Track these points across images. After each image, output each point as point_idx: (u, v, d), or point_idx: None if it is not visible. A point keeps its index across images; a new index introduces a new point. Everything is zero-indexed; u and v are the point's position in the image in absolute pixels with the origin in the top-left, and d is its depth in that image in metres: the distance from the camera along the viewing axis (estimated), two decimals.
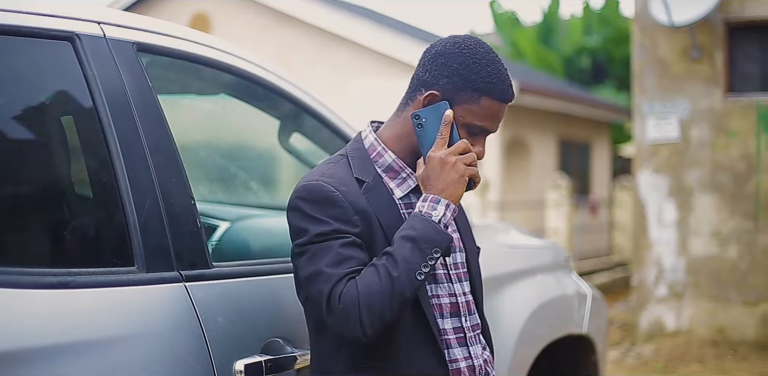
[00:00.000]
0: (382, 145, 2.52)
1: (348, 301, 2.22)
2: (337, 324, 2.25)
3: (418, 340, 2.41)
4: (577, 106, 18.87)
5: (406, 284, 2.23)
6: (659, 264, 9.70)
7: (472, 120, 2.43)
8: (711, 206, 9.48)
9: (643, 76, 9.81)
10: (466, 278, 2.58)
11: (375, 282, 2.23)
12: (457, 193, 2.37)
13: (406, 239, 2.28)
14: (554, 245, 4.84)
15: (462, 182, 2.37)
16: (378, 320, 2.21)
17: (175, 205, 2.50)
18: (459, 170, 2.36)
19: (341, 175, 2.43)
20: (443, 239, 2.31)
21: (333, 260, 2.28)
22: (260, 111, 3.40)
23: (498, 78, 2.44)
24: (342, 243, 2.31)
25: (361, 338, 2.22)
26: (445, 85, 2.44)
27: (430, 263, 2.27)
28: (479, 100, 2.42)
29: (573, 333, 4.35)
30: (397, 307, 2.24)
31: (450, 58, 2.45)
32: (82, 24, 2.49)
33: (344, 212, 2.34)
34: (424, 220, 2.32)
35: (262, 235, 3.66)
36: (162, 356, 2.34)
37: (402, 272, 2.23)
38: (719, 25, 9.43)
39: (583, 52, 26.85)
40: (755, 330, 9.29)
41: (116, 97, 2.46)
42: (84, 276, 2.25)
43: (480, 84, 2.41)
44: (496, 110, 2.45)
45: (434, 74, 2.46)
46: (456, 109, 2.43)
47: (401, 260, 2.25)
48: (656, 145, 9.71)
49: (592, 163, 20.84)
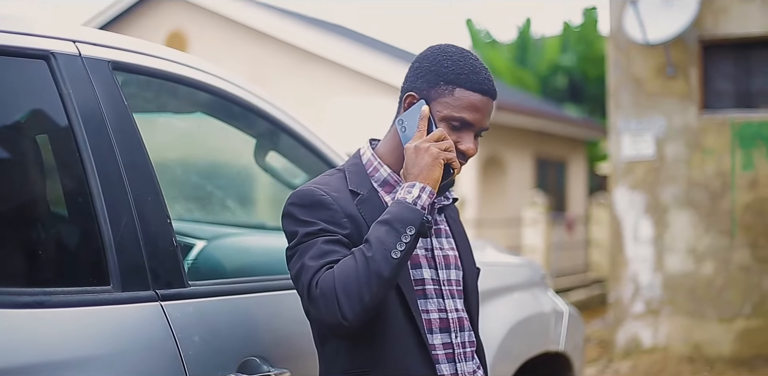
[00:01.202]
0: (378, 160, 2.56)
1: (324, 286, 2.23)
2: (318, 312, 2.24)
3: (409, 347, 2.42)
4: (553, 124, 18.94)
5: (382, 264, 2.22)
6: (636, 281, 9.72)
7: (449, 112, 2.45)
8: (687, 223, 9.52)
9: (619, 93, 9.85)
10: (461, 296, 2.59)
11: (351, 266, 2.24)
12: (432, 175, 2.37)
13: (381, 223, 2.30)
14: (531, 262, 4.84)
15: (436, 164, 2.38)
16: (357, 302, 2.20)
17: (150, 223, 2.49)
18: (432, 154, 2.37)
19: (335, 185, 2.47)
20: (415, 216, 2.30)
21: (314, 253, 2.30)
22: (236, 129, 3.40)
23: (471, 70, 2.48)
24: (326, 240, 2.33)
25: (341, 322, 2.20)
26: (420, 85, 2.49)
27: (405, 240, 2.26)
28: (453, 92, 2.46)
29: (550, 350, 4.35)
30: (377, 288, 2.22)
31: (424, 60, 2.53)
32: (58, 42, 2.48)
33: (333, 215, 2.37)
34: (397, 203, 2.34)
35: (238, 253, 3.65)
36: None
37: (376, 252, 2.24)
38: (694, 42, 9.50)
39: (559, 70, 26.96)
40: (731, 346, 9.32)
41: (92, 115, 2.46)
42: (59, 295, 2.23)
43: (451, 76, 2.46)
44: (473, 101, 2.46)
45: (411, 78, 2.53)
46: (433, 105, 2.47)
47: (375, 242, 2.25)
48: (632, 162, 9.75)
49: (569, 180, 20.90)
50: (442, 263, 2.54)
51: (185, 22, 17.15)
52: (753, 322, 9.26)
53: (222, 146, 4.45)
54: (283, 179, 3.69)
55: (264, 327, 2.73)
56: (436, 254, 2.54)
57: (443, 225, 2.63)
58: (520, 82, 25.39)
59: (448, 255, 2.57)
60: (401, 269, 2.29)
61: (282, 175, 3.68)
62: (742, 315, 9.30)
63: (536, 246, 14.86)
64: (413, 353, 2.42)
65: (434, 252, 2.54)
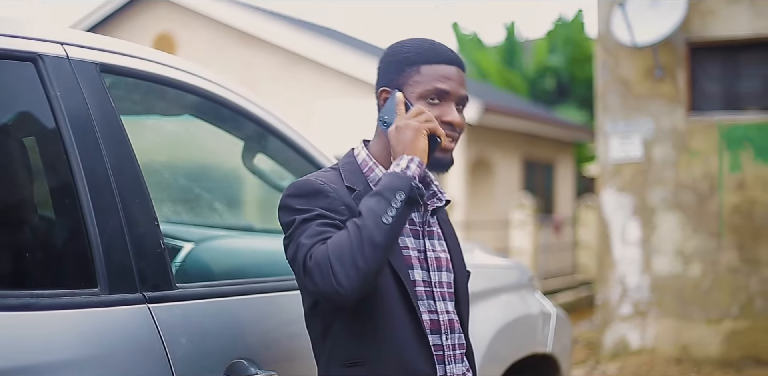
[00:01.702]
0: (374, 160, 2.57)
1: (318, 256, 2.23)
2: (314, 282, 2.23)
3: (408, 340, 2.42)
4: (541, 126, 18.96)
5: (373, 230, 2.22)
6: (623, 283, 9.73)
7: (422, 88, 2.51)
8: (674, 225, 9.54)
9: (607, 95, 9.87)
10: (452, 298, 2.59)
11: (343, 235, 2.25)
12: (417, 146, 2.39)
13: (371, 195, 2.32)
14: (518, 264, 4.85)
15: (419, 135, 2.40)
16: (352, 268, 2.20)
17: (138, 226, 2.49)
18: (413, 126, 2.40)
19: (332, 179, 2.48)
20: (404, 183, 2.31)
21: (309, 234, 2.31)
22: (224, 132, 3.40)
23: (428, 47, 2.55)
24: (321, 222, 2.33)
25: (337, 290, 2.19)
26: (388, 78, 2.55)
27: (395, 206, 2.27)
28: (419, 70, 2.51)
29: (538, 352, 4.35)
30: (370, 253, 2.21)
31: (384, 57, 2.60)
32: (45, 45, 2.48)
33: (331, 202, 2.38)
34: (386, 175, 2.36)
35: (226, 256, 3.65)
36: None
37: (367, 219, 2.24)
38: (681, 45, 9.52)
39: (547, 72, 26.98)
40: (719, 347, 9.34)
41: (79, 118, 2.45)
42: (47, 298, 2.23)
43: (412, 57, 2.52)
44: (441, 72, 2.52)
45: (380, 78, 2.59)
46: (406, 89, 2.52)
47: (366, 210, 2.27)
48: (620, 164, 9.76)
49: (556, 182, 20.93)
50: (434, 265, 2.55)
51: (173, 25, 17.12)
52: (740, 323, 9.29)
53: (210, 149, 4.45)
54: (271, 182, 3.69)
55: (252, 329, 2.73)
56: (428, 256, 2.54)
57: (435, 227, 2.63)
58: (509, 84, 25.42)
59: (440, 257, 2.58)
60: (394, 237, 2.28)
61: (270, 177, 3.68)
62: (729, 316, 9.33)
63: (524, 248, 14.88)
64: (413, 348, 2.42)
65: (427, 254, 2.54)
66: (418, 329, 2.43)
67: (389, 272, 2.41)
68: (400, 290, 2.42)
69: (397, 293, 2.41)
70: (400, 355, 2.41)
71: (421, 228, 2.56)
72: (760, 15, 9.24)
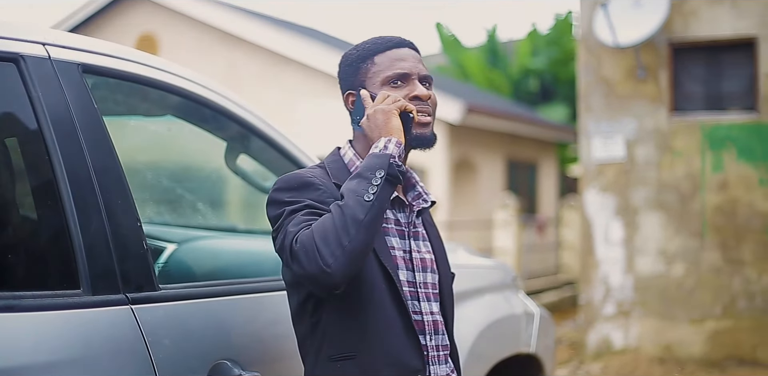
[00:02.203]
0: (361, 159, 2.57)
1: (304, 239, 2.22)
2: (300, 265, 2.22)
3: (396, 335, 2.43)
4: (524, 126, 18.97)
5: (356, 208, 2.23)
6: (606, 283, 9.75)
7: (382, 77, 2.55)
8: (657, 225, 9.56)
9: (589, 96, 9.88)
10: (436, 299, 2.59)
11: (327, 217, 2.25)
12: (390, 127, 2.42)
13: (351, 178, 2.33)
14: (502, 264, 4.85)
15: (390, 116, 2.42)
16: (337, 247, 2.19)
17: (121, 227, 2.48)
18: (382, 110, 2.43)
19: (319, 175, 2.49)
20: (382, 161, 2.32)
21: (296, 222, 2.31)
22: (207, 132, 3.39)
23: (373, 40, 2.60)
24: (309, 211, 2.34)
25: (324, 269, 2.18)
26: (349, 81, 2.60)
27: (375, 183, 2.28)
28: (373, 62, 2.56)
29: (521, 352, 4.36)
30: (355, 232, 2.21)
31: (340, 65, 2.66)
32: (27, 45, 2.47)
33: (320, 195, 2.39)
34: (365, 157, 2.38)
35: (209, 257, 3.64)
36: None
37: (348, 199, 2.25)
38: (664, 45, 9.54)
39: (530, 73, 27.01)
40: (702, 347, 9.37)
41: (61, 118, 2.44)
42: (29, 299, 2.22)
43: (362, 54, 2.58)
44: (395, 56, 2.57)
45: (342, 84, 2.64)
46: (367, 84, 2.56)
47: (347, 191, 2.28)
48: (603, 164, 9.78)
49: (540, 182, 20.96)
50: (419, 266, 2.55)
51: (156, 25, 17.08)
52: (723, 323, 9.32)
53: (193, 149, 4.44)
54: (254, 182, 3.68)
55: (235, 330, 2.73)
56: (413, 257, 2.55)
57: (420, 228, 2.64)
58: (492, 85, 25.44)
59: (425, 258, 2.58)
60: (378, 215, 2.28)
61: (253, 178, 3.68)
62: (712, 316, 9.35)
63: (507, 248, 14.89)
64: (402, 342, 2.42)
65: (412, 254, 2.55)
66: (407, 323, 2.44)
67: (377, 267, 2.42)
68: (388, 284, 2.42)
69: (385, 287, 2.42)
70: (389, 349, 2.41)
71: (407, 229, 2.57)
72: (741, 16, 9.27)
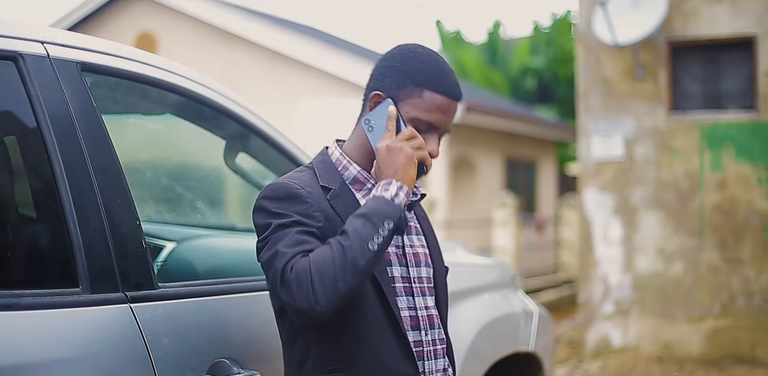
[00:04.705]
0: (347, 158, 2.56)
1: (299, 270, 2.20)
2: (291, 295, 2.21)
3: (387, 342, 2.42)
4: (523, 125, 18.99)
5: (358, 253, 2.21)
6: (605, 281, 9.76)
7: (416, 114, 2.46)
8: (656, 224, 9.56)
9: (588, 95, 9.89)
10: (431, 293, 2.59)
11: (327, 252, 2.23)
12: (408, 174, 2.38)
13: (358, 216, 2.29)
14: (501, 263, 4.85)
15: (411, 164, 2.38)
16: (331, 288, 2.18)
17: (120, 225, 2.48)
18: (406, 153, 2.38)
19: (307, 180, 2.46)
20: (394, 210, 2.30)
21: (289, 242, 2.29)
22: (206, 131, 3.39)
23: (439, 72, 2.49)
24: (300, 230, 2.32)
25: (314, 307, 2.18)
26: (388, 84, 2.49)
27: (382, 233, 2.26)
28: (421, 94, 2.46)
29: (520, 351, 4.36)
30: (351, 277, 2.20)
31: (392, 59, 2.52)
32: (26, 43, 2.47)
33: (308, 208, 2.36)
34: (375, 198, 2.33)
35: (208, 255, 3.64)
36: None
37: (354, 241, 2.23)
38: (662, 44, 9.54)
39: (529, 72, 27.00)
40: (700, 346, 9.37)
41: (60, 117, 2.44)
42: (28, 298, 2.22)
43: (420, 77, 2.46)
44: (440, 104, 2.47)
45: (378, 77, 2.53)
46: (401, 106, 2.47)
47: (353, 232, 2.25)
48: (601, 163, 9.79)
49: (538, 181, 20.97)
50: (413, 261, 2.55)
51: (155, 24, 17.08)
52: (722, 322, 9.32)
53: (192, 148, 4.44)
54: (253, 181, 3.68)
55: (234, 329, 2.73)
56: (407, 252, 2.54)
57: (413, 222, 2.63)
58: (490, 83, 25.43)
59: (418, 253, 2.58)
60: (377, 262, 2.27)
61: (252, 176, 3.68)
62: (711, 315, 9.36)
63: (506, 247, 14.90)
64: (393, 350, 2.42)
65: (405, 249, 2.54)
66: (396, 329, 2.43)
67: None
68: (377, 291, 2.41)
69: (374, 294, 2.40)
70: (380, 359, 2.40)
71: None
72: (740, 14, 9.28)
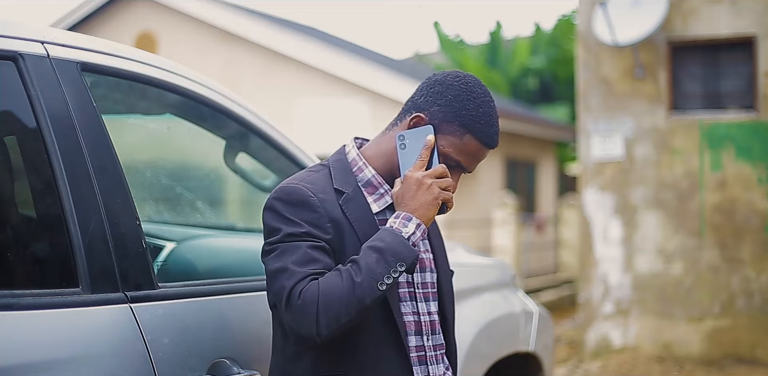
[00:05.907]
0: (364, 160, 2.56)
1: (308, 298, 2.23)
2: (294, 320, 2.25)
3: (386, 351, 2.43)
4: (522, 125, 18.97)
5: (367, 291, 2.24)
6: (605, 281, 9.75)
7: (450, 152, 2.48)
8: (656, 224, 9.56)
9: (588, 95, 9.88)
10: (434, 298, 2.60)
11: (337, 284, 2.25)
12: (429, 214, 2.39)
13: (373, 250, 2.30)
14: (501, 263, 4.85)
15: (435, 205, 2.40)
16: (334, 321, 2.22)
17: (120, 225, 2.48)
18: (434, 193, 2.39)
19: (321, 184, 2.47)
20: (409, 255, 2.31)
21: (299, 259, 2.30)
22: (206, 131, 3.39)
23: (487, 121, 2.48)
24: (311, 245, 2.33)
25: (314, 337, 2.22)
26: (435, 112, 2.48)
27: (394, 275, 2.28)
28: (463, 136, 2.47)
29: (520, 351, 4.36)
30: (355, 313, 2.24)
31: (448, 88, 2.50)
32: (26, 43, 2.47)
33: (318, 218, 2.38)
34: (393, 234, 2.34)
35: (208, 255, 3.64)
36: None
37: (365, 279, 2.25)
38: (662, 44, 9.54)
39: (529, 72, 26.99)
40: (700, 346, 9.37)
41: (60, 117, 2.44)
42: (28, 298, 2.22)
43: (468, 120, 2.46)
44: (476, 151, 2.49)
45: (428, 100, 2.51)
46: (439, 138, 2.47)
47: (365, 268, 2.26)
48: (601, 163, 9.78)
49: (538, 181, 20.97)
50: (417, 266, 2.55)
51: (155, 23, 17.08)
52: (722, 322, 9.32)
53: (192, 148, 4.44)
54: (253, 181, 3.68)
55: (234, 329, 2.73)
56: None
57: None
58: (490, 83, 25.43)
59: (422, 258, 2.58)
60: (381, 298, 2.30)
61: (252, 176, 3.68)
62: (711, 315, 9.35)
63: (506, 247, 14.89)
64: (390, 357, 2.43)
65: None
66: (396, 337, 2.44)
67: None
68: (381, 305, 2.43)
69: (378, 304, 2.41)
70: (378, 368, 2.42)
71: None
72: (740, 14, 9.27)
